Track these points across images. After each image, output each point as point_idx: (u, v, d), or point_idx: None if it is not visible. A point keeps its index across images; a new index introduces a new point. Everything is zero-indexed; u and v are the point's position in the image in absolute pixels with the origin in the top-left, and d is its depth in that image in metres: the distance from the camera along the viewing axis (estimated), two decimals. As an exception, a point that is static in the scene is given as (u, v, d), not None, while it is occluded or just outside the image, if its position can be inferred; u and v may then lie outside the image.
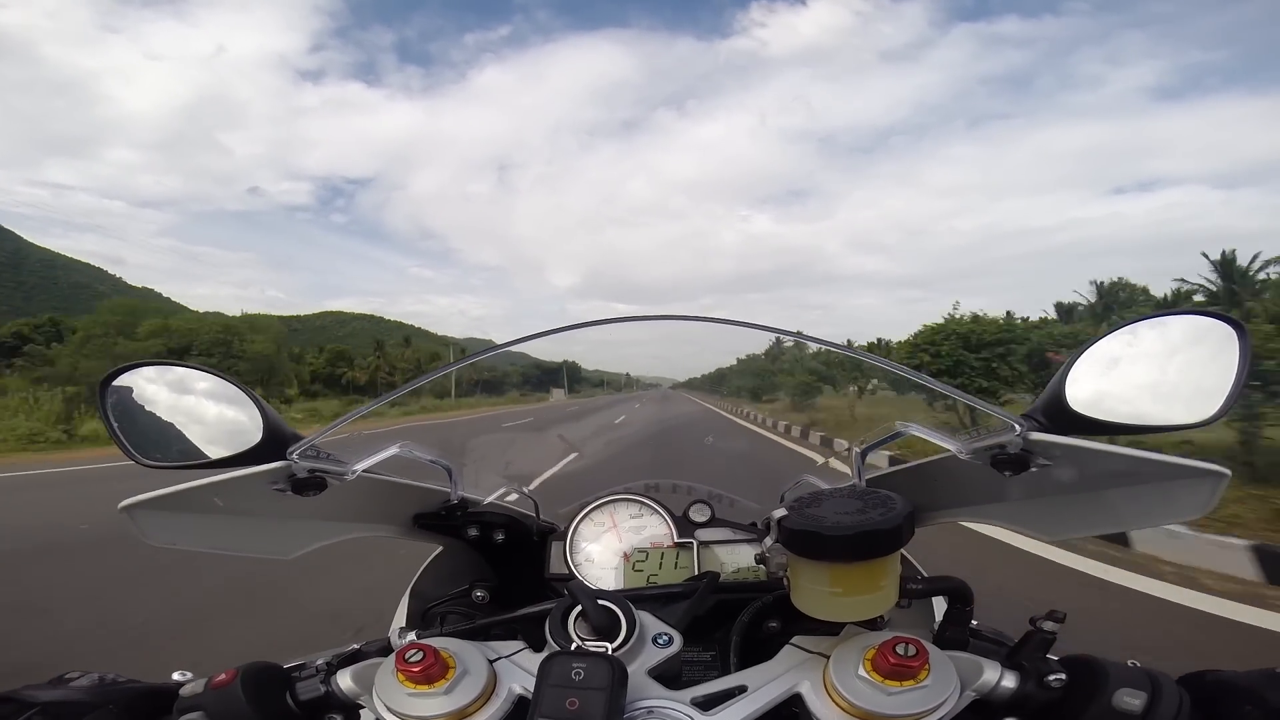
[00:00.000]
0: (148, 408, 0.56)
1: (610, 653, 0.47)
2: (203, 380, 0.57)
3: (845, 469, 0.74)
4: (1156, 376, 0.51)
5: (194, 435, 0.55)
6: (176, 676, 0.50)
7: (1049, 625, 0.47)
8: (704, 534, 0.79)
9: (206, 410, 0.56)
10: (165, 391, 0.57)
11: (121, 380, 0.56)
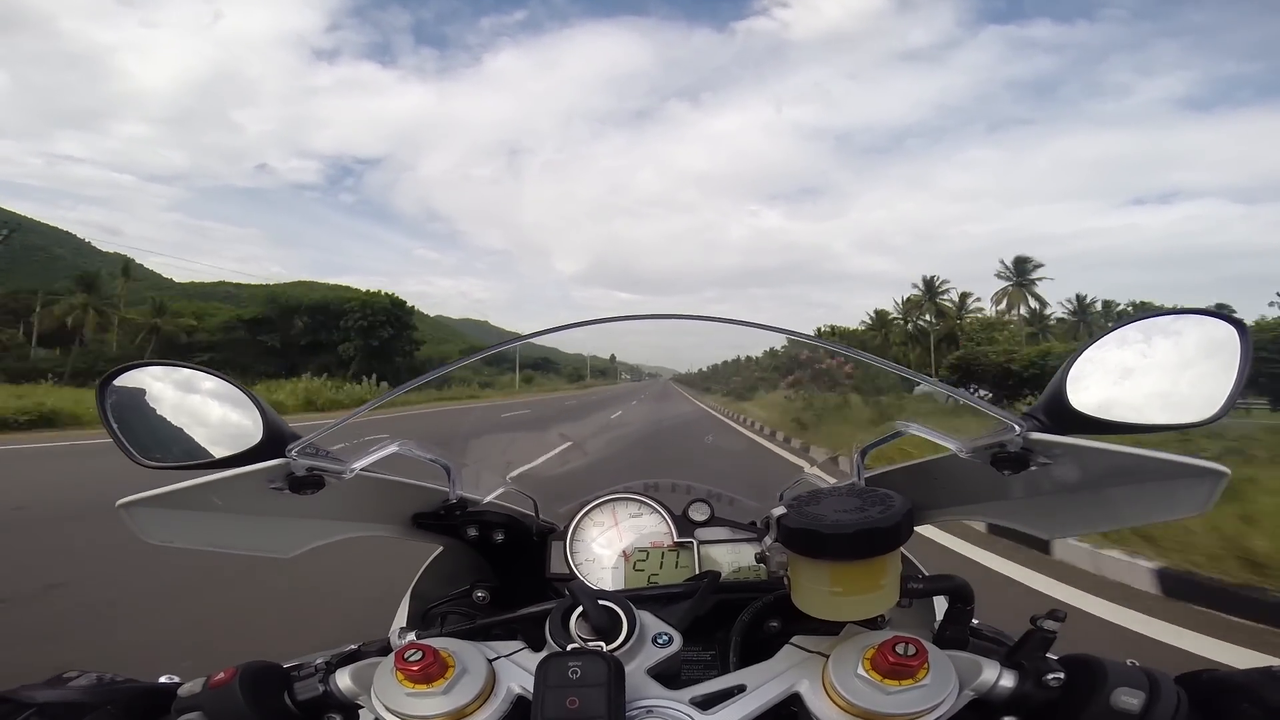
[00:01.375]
0: (147, 408, 0.57)
1: (606, 650, 0.46)
2: (202, 381, 0.57)
3: (844, 469, 0.74)
4: (1157, 376, 0.51)
5: (193, 435, 0.56)
6: (164, 680, 0.50)
7: (1049, 624, 0.46)
8: (704, 533, 0.79)
9: (206, 411, 0.56)
10: (164, 392, 0.57)
11: (121, 381, 0.56)
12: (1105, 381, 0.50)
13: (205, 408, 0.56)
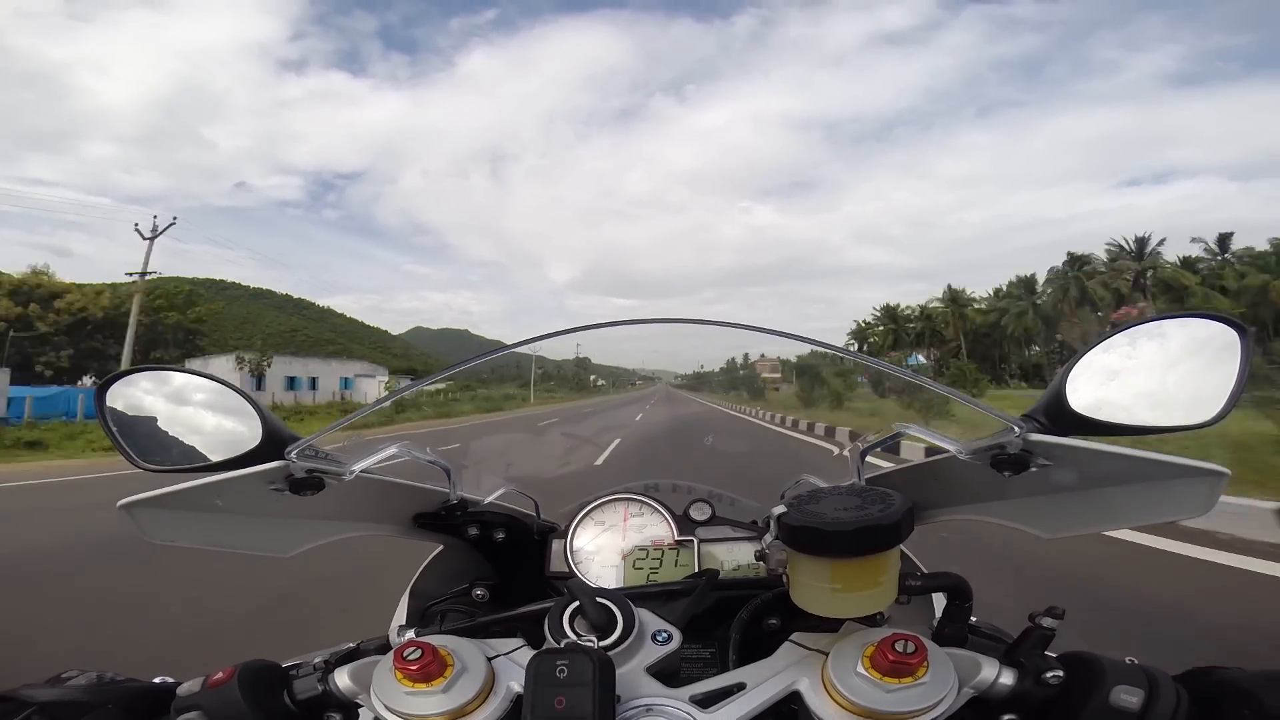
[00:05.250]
0: (147, 413, 0.57)
1: (597, 647, 0.46)
2: (200, 385, 0.58)
3: (844, 469, 0.74)
4: (1158, 378, 0.51)
5: (193, 439, 0.56)
6: (162, 680, 0.50)
7: (1048, 622, 0.46)
8: (704, 532, 0.79)
9: (205, 415, 0.57)
10: (163, 396, 0.58)
11: (120, 386, 0.57)
12: (1105, 384, 0.51)
13: (204, 411, 0.57)
